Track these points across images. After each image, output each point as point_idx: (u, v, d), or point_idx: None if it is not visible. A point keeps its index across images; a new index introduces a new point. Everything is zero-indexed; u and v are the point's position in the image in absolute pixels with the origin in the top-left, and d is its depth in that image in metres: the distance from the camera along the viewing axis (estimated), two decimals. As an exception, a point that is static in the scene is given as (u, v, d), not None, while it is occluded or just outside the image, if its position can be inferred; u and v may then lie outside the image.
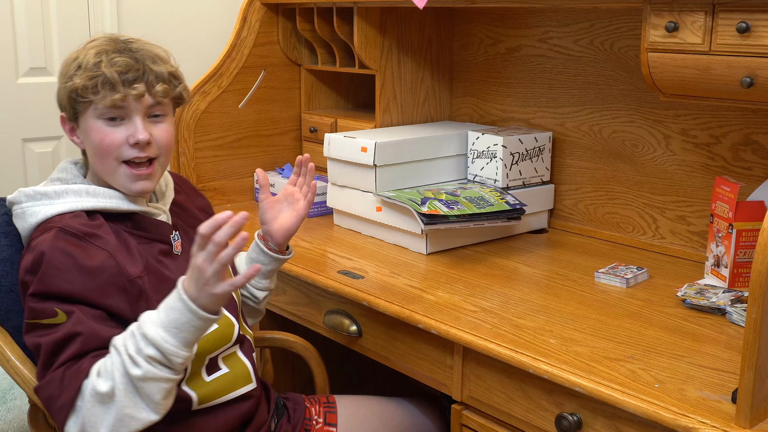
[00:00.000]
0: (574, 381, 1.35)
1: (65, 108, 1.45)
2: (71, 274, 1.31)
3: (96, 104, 1.40)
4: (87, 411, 1.26)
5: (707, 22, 1.51)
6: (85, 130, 1.44)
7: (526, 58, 2.30)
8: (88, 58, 1.41)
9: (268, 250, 1.67)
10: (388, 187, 2.12)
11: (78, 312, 1.30)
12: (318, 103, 2.69)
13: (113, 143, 1.41)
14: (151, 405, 1.27)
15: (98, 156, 1.43)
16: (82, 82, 1.39)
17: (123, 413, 1.25)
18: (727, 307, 1.60)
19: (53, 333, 1.29)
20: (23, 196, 1.44)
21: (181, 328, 1.25)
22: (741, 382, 1.18)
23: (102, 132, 1.41)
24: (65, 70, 1.44)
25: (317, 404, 1.76)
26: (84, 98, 1.40)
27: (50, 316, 1.30)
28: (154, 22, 2.79)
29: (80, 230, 1.36)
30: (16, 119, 2.59)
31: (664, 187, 2.03)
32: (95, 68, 1.39)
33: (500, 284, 1.80)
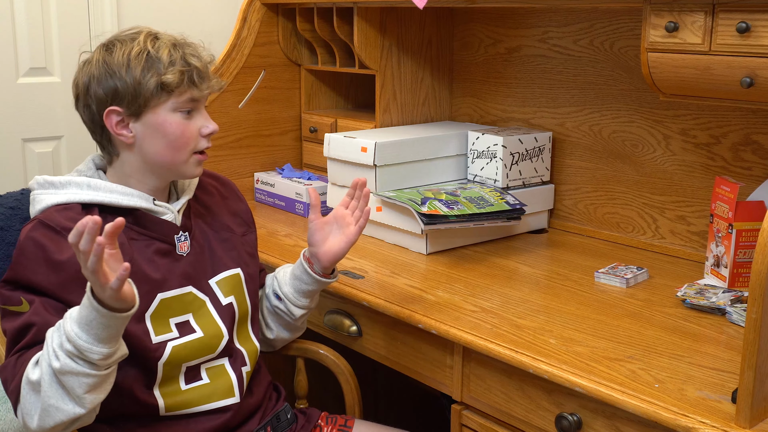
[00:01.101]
0: (574, 381, 1.35)
1: (126, 101, 1.43)
2: (38, 265, 1.36)
3: (177, 97, 1.44)
4: (23, 398, 1.31)
5: (707, 22, 1.51)
6: (155, 124, 1.44)
7: (526, 58, 2.30)
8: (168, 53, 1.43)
9: (313, 273, 1.63)
10: (388, 187, 2.12)
11: (38, 303, 1.36)
12: (318, 103, 2.69)
13: (192, 135, 1.47)
14: (74, 398, 1.29)
15: (173, 148, 1.46)
16: (174, 77, 1.42)
17: (47, 403, 1.29)
18: (727, 307, 1.60)
19: (15, 321, 1.36)
20: (36, 184, 1.49)
21: (90, 325, 1.25)
22: (741, 382, 1.18)
23: (182, 124, 1.46)
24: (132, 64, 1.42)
25: (332, 425, 1.70)
26: (170, 92, 1.43)
27: (16, 304, 1.36)
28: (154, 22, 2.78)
29: (59, 224, 1.40)
30: (16, 119, 2.59)
31: (664, 187, 2.03)
32: (184, 63, 1.43)
33: (500, 284, 1.80)
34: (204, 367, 1.50)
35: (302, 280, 1.64)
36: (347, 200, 1.65)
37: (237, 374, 1.54)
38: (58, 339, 1.27)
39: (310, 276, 1.63)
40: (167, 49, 1.44)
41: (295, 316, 1.67)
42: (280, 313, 1.68)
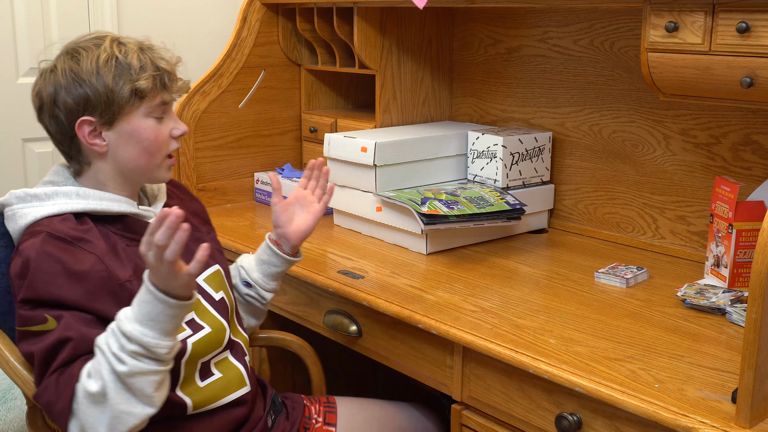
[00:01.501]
0: (574, 381, 1.35)
1: (99, 109, 1.40)
2: (60, 279, 1.31)
3: (149, 102, 1.42)
4: (83, 413, 1.27)
5: (707, 22, 1.51)
6: (129, 130, 1.43)
7: (526, 58, 2.30)
8: (138, 58, 1.41)
9: (282, 254, 1.70)
10: (388, 187, 2.12)
11: (67, 317, 1.30)
12: (318, 103, 2.69)
13: (164, 138, 1.47)
14: (144, 399, 1.28)
15: (149, 153, 1.45)
16: (147, 83, 1.40)
17: (118, 410, 1.26)
18: (727, 307, 1.60)
19: (44, 340, 1.29)
20: (14, 198, 1.43)
21: (156, 319, 1.26)
22: (741, 382, 1.18)
23: (155, 129, 1.45)
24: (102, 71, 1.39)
25: (317, 404, 1.76)
26: (143, 97, 1.41)
27: (40, 323, 1.30)
28: (154, 22, 2.79)
29: (68, 234, 1.35)
30: (16, 119, 2.59)
31: (664, 187, 2.03)
32: (155, 67, 1.42)
33: (500, 284, 1.80)
34: (213, 362, 1.52)
35: (271, 263, 1.70)
36: (305, 181, 1.74)
37: (242, 364, 1.56)
38: (117, 343, 1.26)
39: (279, 257, 1.70)
40: (135, 53, 1.42)
41: (266, 300, 1.74)
42: (250, 300, 1.73)
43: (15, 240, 1.43)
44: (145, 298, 1.26)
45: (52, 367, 1.29)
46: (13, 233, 1.43)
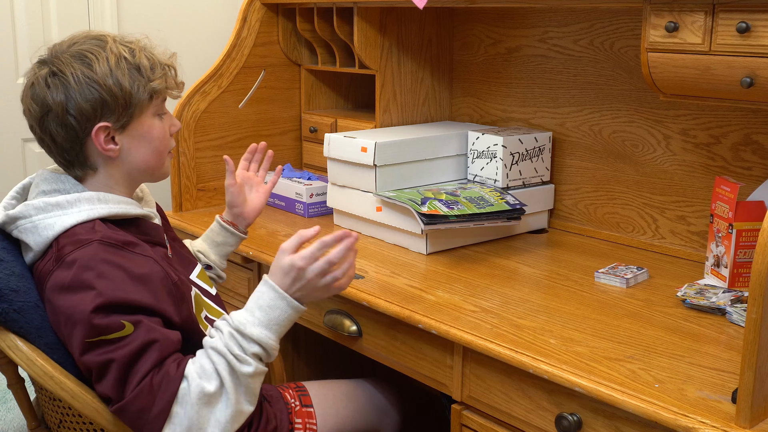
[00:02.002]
0: (574, 381, 1.35)
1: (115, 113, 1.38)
2: (126, 284, 1.29)
3: (157, 100, 1.42)
4: (192, 414, 1.27)
5: (707, 22, 1.51)
6: (142, 131, 1.42)
7: (526, 58, 2.30)
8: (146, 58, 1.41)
9: (239, 232, 1.83)
10: (388, 187, 2.12)
11: (145, 320, 1.28)
12: (318, 103, 2.69)
13: (167, 136, 1.48)
14: (252, 399, 1.33)
15: (158, 152, 1.46)
16: (161, 82, 1.41)
17: (238, 410, 1.31)
18: (727, 307, 1.60)
19: (126, 345, 1.26)
20: (32, 209, 1.38)
21: (281, 324, 1.36)
22: (741, 382, 1.18)
23: (162, 128, 1.46)
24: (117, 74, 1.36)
25: (289, 389, 1.78)
26: (157, 97, 1.42)
27: (117, 330, 1.26)
28: (154, 22, 2.79)
29: (118, 240, 1.34)
30: (16, 119, 2.59)
31: (664, 187, 2.03)
32: (162, 65, 1.42)
33: (500, 284, 1.80)
34: None
35: (227, 244, 1.83)
36: (246, 164, 1.88)
37: None
38: (238, 345, 1.31)
39: (235, 236, 1.82)
40: (142, 53, 1.40)
41: (223, 278, 1.87)
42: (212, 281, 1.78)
43: (37, 252, 1.38)
44: (276, 304, 1.35)
45: (141, 372, 1.27)
46: (36, 246, 1.37)
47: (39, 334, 1.36)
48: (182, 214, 2.43)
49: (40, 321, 1.36)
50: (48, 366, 1.34)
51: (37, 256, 1.39)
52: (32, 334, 1.35)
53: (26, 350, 1.34)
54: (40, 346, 1.36)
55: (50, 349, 1.36)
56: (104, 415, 1.33)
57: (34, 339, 1.36)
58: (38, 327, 1.36)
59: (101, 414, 1.33)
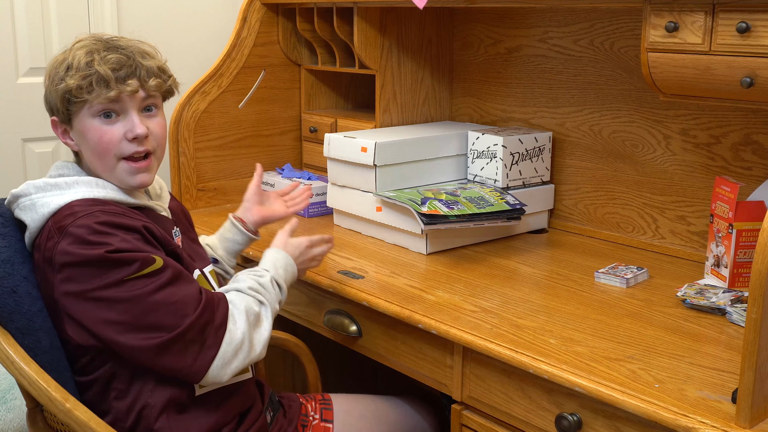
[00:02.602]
0: (574, 381, 1.35)
1: (57, 110, 1.46)
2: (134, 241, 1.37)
3: (91, 103, 1.42)
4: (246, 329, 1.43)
5: (707, 22, 1.51)
6: (80, 131, 1.45)
7: (526, 58, 2.30)
8: (78, 58, 1.42)
9: (246, 231, 1.86)
10: (388, 187, 2.12)
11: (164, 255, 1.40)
12: (318, 103, 2.69)
13: (112, 140, 1.44)
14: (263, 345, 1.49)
15: (97, 154, 1.45)
16: (75, 83, 1.40)
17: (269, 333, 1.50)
18: (727, 307, 1.60)
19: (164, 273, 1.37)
20: (32, 188, 1.44)
21: (288, 283, 1.61)
22: (741, 382, 1.18)
23: (100, 130, 1.44)
24: (53, 72, 1.44)
25: (313, 401, 1.77)
26: (78, 98, 1.41)
27: (150, 264, 1.36)
28: (154, 22, 2.79)
29: (117, 209, 1.40)
30: (16, 119, 2.59)
31: (664, 187, 2.03)
32: (88, 67, 1.41)
33: (500, 284, 1.80)
34: None
35: (235, 241, 1.86)
36: (288, 190, 2.01)
37: None
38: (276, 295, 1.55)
39: (243, 234, 1.86)
40: (81, 54, 1.42)
41: (230, 274, 1.88)
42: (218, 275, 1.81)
43: (34, 230, 1.43)
44: (289, 268, 1.62)
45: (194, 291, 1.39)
46: (33, 223, 1.42)
47: (10, 318, 1.40)
48: (182, 214, 2.43)
49: (13, 306, 1.40)
50: (10, 351, 1.38)
51: (34, 235, 1.43)
52: (3, 318, 1.40)
53: None
54: (10, 331, 1.40)
55: (21, 333, 1.40)
56: (57, 405, 1.35)
57: (5, 323, 1.40)
58: (10, 312, 1.40)
59: (53, 403, 1.35)
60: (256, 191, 1.91)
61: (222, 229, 1.88)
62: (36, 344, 1.40)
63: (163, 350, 1.35)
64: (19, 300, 1.41)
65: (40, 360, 1.40)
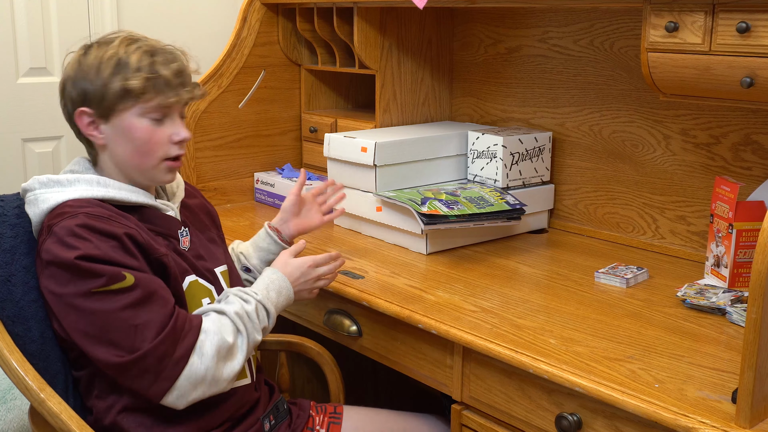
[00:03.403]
0: (574, 381, 1.35)
1: (97, 103, 1.45)
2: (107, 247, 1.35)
3: (147, 104, 1.44)
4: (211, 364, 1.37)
5: (707, 22, 1.51)
6: (123, 128, 1.46)
7: (526, 58, 2.30)
8: (137, 58, 1.43)
9: (281, 242, 1.82)
10: (388, 187, 2.12)
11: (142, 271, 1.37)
12: (318, 103, 2.69)
13: (160, 141, 1.48)
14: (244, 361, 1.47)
15: (140, 153, 1.47)
16: (139, 83, 1.42)
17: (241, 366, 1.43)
18: (727, 307, 1.60)
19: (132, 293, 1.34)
20: (37, 183, 1.47)
21: (279, 309, 1.56)
22: (741, 382, 1.18)
23: (149, 130, 1.46)
24: (101, 67, 1.43)
25: (323, 414, 1.73)
26: (137, 98, 1.43)
27: (120, 280, 1.34)
28: (154, 22, 2.79)
29: (103, 213, 1.40)
30: (16, 119, 2.59)
31: (664, 187, 2.03)
32: (151, 69, 1.44)
33: (500, 284, 1.80)
34: None
35: (269, 251, 1.81)
36: (321, 189, 1.93)
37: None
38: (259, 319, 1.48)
39: (277, 245, 1.81)
40: (138, 54, 1.44)
41: None
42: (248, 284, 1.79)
43: (35, 224, 1.46)
44: (284, 292, 1.56)
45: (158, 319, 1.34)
46: (34, 218, 1.45)
47: (2, 306, 1.43)
48: (182, 214, 2.43)
49: (5, 294, 1.43)
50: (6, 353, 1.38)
51: (37, 228, 1.46)
52: None
53: None
54: (1, 318, 1.43)
55: (11, 321, 1.43)
56: (32, 394, 1.36)
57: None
58: (2, 299, 1.43)
59: (29, 392, 1.36)
60: (295, 201, 1.86)
61: (256, 237, 1.84)
62: (26, 333, 1.43)
63: (122, 369, 1.35)
64: (12, 289, 1.44)
65: (28, 348, 1.43)
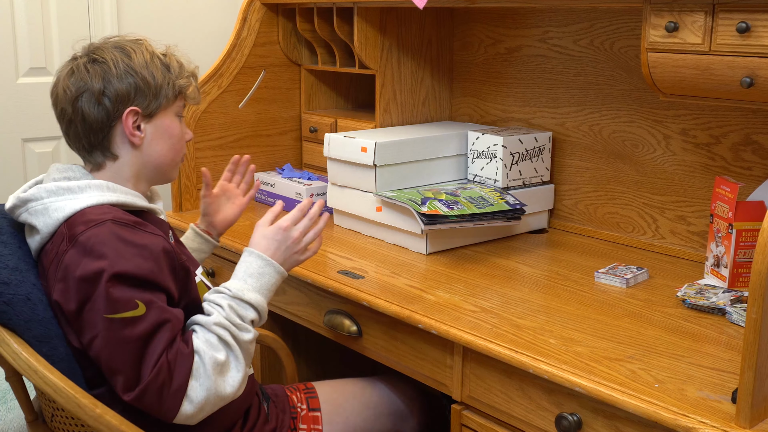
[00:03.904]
0: (574, 381, 1.35)
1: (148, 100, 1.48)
2: (137, 259, 1.34)
3: (179, 102, 1.53)
4: (210, 384, 1.35)
5: (707, 22, 1.51)
6: (164, 126, 1.51)
7: (526, 58, 2.30)
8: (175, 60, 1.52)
9: (213, 239, 1.87)
10: (388, 187, 2.12)
11: (156, 300, 1.34)
12: (318, 103, 2.69)
13: (183, 139, 1.57)
14: (250, 360, 1.45)
15: (174, 150, 1.54)
16: (186, 83, 1.52)
17: (244, 372, 1.41)
18: (727, 307, 1.60)
19: (140, 324, 1.31)
20: (44, 192, 1.42)
21: (270, 289, 1.50)
22: (741, 382, 1.18)
23: (180, 128, 1.55)
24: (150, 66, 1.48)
25: (297, 392, 1.78)
26: (178, 96, 1.52)
27: (132, 309, 1.32)
28: (154, 22, 2.79)
29: (129, 220, 1.39)
30: (16, 119, 2.59)
31: (664, 187, 2.03)
32: (186, 71, 1.54)
33: (500, 284, 1.80)
34: None
35: (202, 250, 1.86)
36: (228, 175, 1.91)
37: None
38: (237, 315, 1.42)
39: (209, 243, 1.86)
40: (172, 57, 1.53)
41: None
42: None
43: (45, 234, 1.41)
44: (264, 270, 1.49)
45: (157, 351, 1.32)
46: (45, 227, 1.40)
47: (27, 326, 1.37)
48: (182, 213, 2.43)
49: (29, 314, 1.37)
50: (32, 359, 1.34)
51: (45, 240, 1.42)
52: (20, 326, 1.37)
53: (12, 343, 1.35)
54: (27, 339, 1.37)
55: (38, 341, 1.37)
56: (87, 412, 1.31)
57: (22, 332, 1.37)
58: (27, 320, 1.37)
59: (83, 410, 1.31)
60: (210, 202, 1.86)
61: (185, 239, 1.85)
62: (53, 352, 1.38)
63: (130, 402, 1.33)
64: (34, 307, 1.38)
65: (58, 368, 1.36)
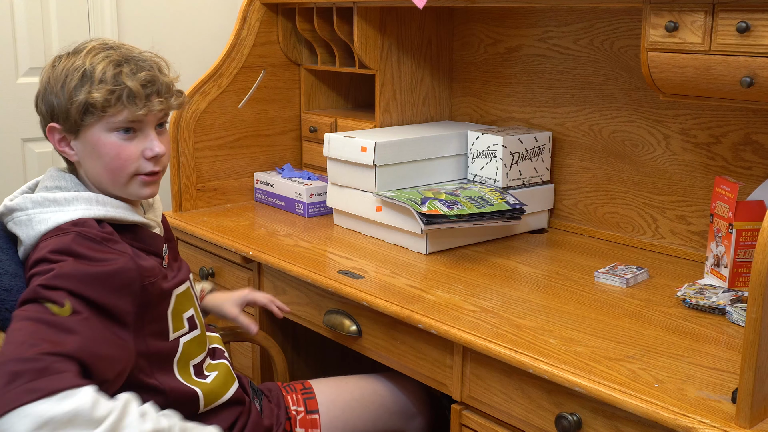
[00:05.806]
0: (574, 381, 1.35)
1: (64, 119, 1.38)
2: (86, 278, 1.26)
3: (113, 118, 1.37)
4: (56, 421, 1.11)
5: (707, 21, 1.51)
6: (91, 143, 1.39)
7: (526, 58, 2.30)
8: (102, 69, 1.36)
9: None
10: (388, 187, 2.12)
11: (86, 314, 1.23)
12: (318, 103, 2.69)
13: (130, 157, 1.40)
14: None
15: (110, 169, 1.40)
16: (102, 96, 1.34)
17: None
18: (727, 307, 1.60)
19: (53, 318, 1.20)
20: (29, 202, 1.37)
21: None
22: (741, 382, 1.18)
23: (118, 146, 1.39)
24: (64, 78, 1.37)
25: (294, 392, 1.76)
26: (102, 112, 1.36)
27: (57, 304, 1.22)
28: (154, 23, 2.79)
29: (98, 235, 1.33)
30: (16, 119, 2.59)
31: (664, 187, 2.03)
32: (115, 81, 1.36)
33: (500, 284, 1.80)
34: (204, 366, 1.52)
35: None
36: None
37: (227, 360, 1.60)
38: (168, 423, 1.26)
39: None
40: (103, 65, 1.37)
41: None
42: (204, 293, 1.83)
43: (28, 246, 1.37)
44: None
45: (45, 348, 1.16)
46: (27, 239, 1.36)
47: None
48: (182, 214, 2.43)
49: None
50: None
51: (28, 250, 1.37)
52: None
53: None
54: None
55: None
56: None
57: None
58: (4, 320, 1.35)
59: None
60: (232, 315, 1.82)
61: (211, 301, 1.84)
62: None
63: None
64: None
65: None
